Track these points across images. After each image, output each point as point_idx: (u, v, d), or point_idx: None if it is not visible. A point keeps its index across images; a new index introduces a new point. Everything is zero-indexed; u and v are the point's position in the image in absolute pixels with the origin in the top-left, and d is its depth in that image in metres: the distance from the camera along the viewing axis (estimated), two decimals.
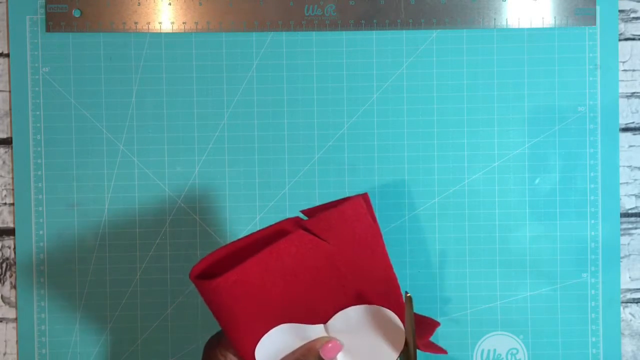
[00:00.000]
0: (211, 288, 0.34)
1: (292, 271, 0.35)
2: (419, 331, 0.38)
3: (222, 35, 0.47)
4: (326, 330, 0.36)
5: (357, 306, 0.36)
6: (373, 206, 0.47)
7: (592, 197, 0.47)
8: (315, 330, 0.36)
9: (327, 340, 0.36)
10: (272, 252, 0.35)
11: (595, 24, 0.47)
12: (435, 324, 0.40)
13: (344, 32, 0.47)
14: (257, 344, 0.36)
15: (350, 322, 0.36)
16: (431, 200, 0.47)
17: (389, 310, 0.36)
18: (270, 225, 0.36)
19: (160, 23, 0.47)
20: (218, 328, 0.47)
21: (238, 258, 0.35)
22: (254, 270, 0.34)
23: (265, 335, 0.36)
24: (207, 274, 0.35)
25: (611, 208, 0.48)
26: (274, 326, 0.36)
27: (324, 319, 0.36)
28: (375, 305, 0.36)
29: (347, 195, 0.47)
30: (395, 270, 0.49)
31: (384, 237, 0.47)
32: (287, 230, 0.35)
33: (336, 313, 0.36)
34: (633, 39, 0.48)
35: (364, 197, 0.36)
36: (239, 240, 0.36)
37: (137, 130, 0.47)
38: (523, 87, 0.47)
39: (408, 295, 0.36)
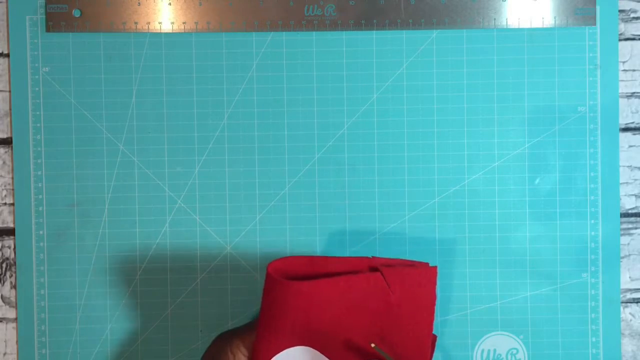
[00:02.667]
0: (284, 287, 0.37)
1: (352, 304, 0.38)
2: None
3: (222, 35, 0.47)
4: None
5: None
6: (373, 205, 0.48)
7: (592, 197, 0.47)
8: None
9: None
10: (348, 280, 0.38)
11: (595, 24, 0.47)
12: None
13: (344, 32, 0.47)
14: (277, 353, 0.38)
15: None
16: (431, 200, 0.47)
17: None
18: (345, 257, 0.40)
19: (160, 23, 0.47)
20: (217, 328, 0.47)
21: (309, 272, 0.39)
22: (326, 289, 0.38)
23: (287, 349, 0.38)
24: (280, 272, 0.39)
25: (611, 208, 0.48)
26: (302, 345, 0.38)
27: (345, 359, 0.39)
28: None
29: (348, 193, 0.47)
30: None
31: (384, 237, 0.48)
32: (359, 267, 0.39)
33: (357, 358, 0.39)
34: (633, 39, 0.48)
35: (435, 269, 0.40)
36: (315, 256, 0.40)
37: (137, 130, 0.47)
38: (523, 87, 0.47)
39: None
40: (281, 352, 0.38)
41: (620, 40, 0.48)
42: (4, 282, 0.48)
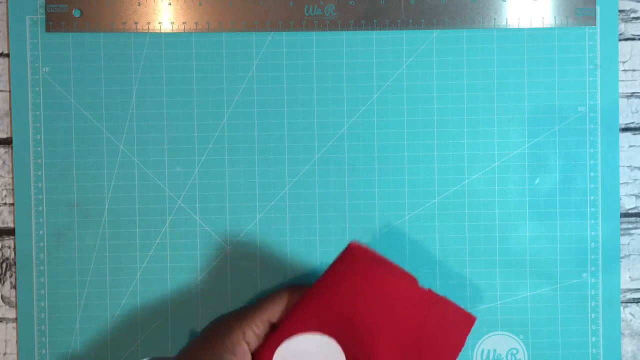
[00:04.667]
0: (361, 265, 0.40)
1: (398, 312, 0.40)
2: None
3: (222, 35, 0.47)
4: None
5: None
6: (373, 205, 0.48)
7: (592, 197, 0.47)
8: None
9: None
10: (409, 288, 0.40)
11: (595, 24, 0.47)
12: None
13: (344, 32, 0.47)
14: (301, 333, 0.40)
15: None
16: (431, 200, 0.47)
17: None
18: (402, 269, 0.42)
19: (160, 23, 0.47)
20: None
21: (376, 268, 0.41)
22: (391, 285, 0.39)
23: (307, 334, 0.39)
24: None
25: (611, 208, 0.48)
26: (328, 334, 0.40)
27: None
28: None
29: (348, 193, 0.47)
30: None
31: (384, 237, 0.48)
32: (408, 279, 0.41)
33: None
34: (633, 39, 0.48)
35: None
36: (386, 259, 0.42)
37: (137, 130, 0.47)
38: (523, 87, 0.47)
39: None
40: (304, 334, 0.39)
41: (620, 40, 0.48)
42: (4, 282, 0.48)
